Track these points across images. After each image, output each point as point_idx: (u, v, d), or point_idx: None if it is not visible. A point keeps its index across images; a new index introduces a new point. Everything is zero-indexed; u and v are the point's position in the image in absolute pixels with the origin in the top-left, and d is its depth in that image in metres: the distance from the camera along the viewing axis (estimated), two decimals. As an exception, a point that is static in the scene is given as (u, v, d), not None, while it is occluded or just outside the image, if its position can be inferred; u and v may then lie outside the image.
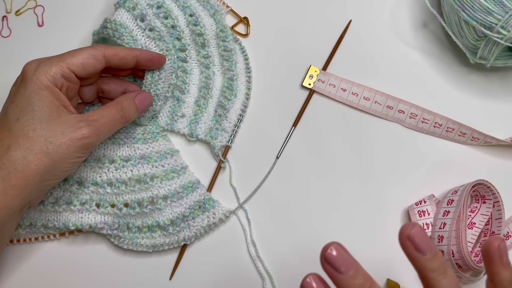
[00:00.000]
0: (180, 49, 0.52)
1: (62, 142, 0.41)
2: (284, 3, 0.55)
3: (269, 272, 0.49)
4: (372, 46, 0.54)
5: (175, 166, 0.50)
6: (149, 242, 0.49)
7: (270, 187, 0.51)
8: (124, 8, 0.48)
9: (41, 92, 0.41)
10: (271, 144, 0.52)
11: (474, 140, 0.51)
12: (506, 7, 0.44)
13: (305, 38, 0.54)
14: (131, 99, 0.46)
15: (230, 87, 0.52)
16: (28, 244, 0.50)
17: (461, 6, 0.46)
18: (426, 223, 0.48)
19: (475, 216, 0.48)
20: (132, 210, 0.48)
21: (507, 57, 0.48)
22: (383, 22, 0.54)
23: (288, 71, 0.54)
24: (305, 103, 0.52)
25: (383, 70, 0.53)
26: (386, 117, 0.52)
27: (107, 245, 0.50)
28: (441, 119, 0.50)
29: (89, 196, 0.49)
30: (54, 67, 0.41)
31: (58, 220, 0.48)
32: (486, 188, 0.48)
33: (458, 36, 0.49)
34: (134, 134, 0.50)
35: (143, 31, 0.48)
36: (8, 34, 0.56)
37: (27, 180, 0.40)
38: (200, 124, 0.52)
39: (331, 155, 0.52)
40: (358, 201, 0.51)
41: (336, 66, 0.53)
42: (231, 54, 0.53)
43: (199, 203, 0.50)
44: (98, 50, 0.43)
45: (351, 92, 0.52)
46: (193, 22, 0.51)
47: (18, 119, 0.40)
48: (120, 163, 0.49)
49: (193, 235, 0.49)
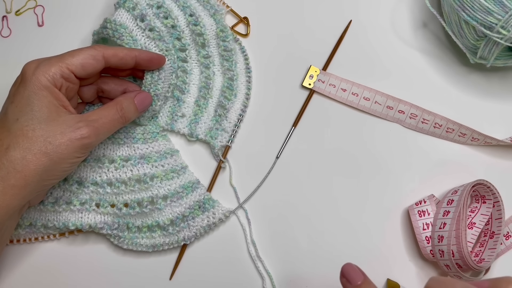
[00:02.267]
0: (180, 49, 0.52)
1: (61, 142, 0.41)
2: (284, 4, 0.55)
3: (269, 272, 0.49)
4: (372, 46, 0.54)
5: (175, 166, 0.50)
6: (149, 242, 0.49)
7: (270, 187, 0.51)
8: (124, 8, 0.48)
9: (40, 92, 0.41)
10: (271, 144, 0.52)
11: (474, 141, 0.50)
12: (506, 7, 0.44)
13: (305, 38, 0.54)
14: (130, 99, 0.46)
15: (230, 87, 0.52)
16: (28, 244, 0.50)
17: (461, 6, 0.46)
18: (426, 223, 0.48)
19: (475, 216, 0.48)
20: (132, 210, 0.48)
21: (507, 57, 0.48)
22: (383, 22, 0.54)
23: (288, 71, 0.53)
24: (305, 103, 0.52)
25: (383, 70, 0.53)
26: (386, 118, 0.52)
27: (107, 245, 0.50)
28: (441, 120, 0.50)
29: (89, 196, 0.49)
30: (54, 67, 0.41)
31: (58, 220, 0.48)
32: (486, 188, 0.48)
33: (458, 36, 0.49)
34: (134, 134, 0.50)
35: (143, 31, 0.48)
36: (8, 34, 0.56)
37: (26, 180, 0.40)
38: (200, 124, 0.52)
39: (331, 155, 0.52)
40: (358, 201, 0.51)
41: (336, 66, 0.53)
42: (231, 54, 0.53)
43: (199, 203, 0.50)
44: (97, 51, 0.43)
45: (351, 92, 0.52)
46: (193, 22, 0.51)
47: (18, 119, 0.41)
48: (120, 163, 0.49)
49: (193, 235, 0.49)
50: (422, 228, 0.48)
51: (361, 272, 0.35)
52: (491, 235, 0.48)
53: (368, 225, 0.50)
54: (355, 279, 0.35)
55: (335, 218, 0.50)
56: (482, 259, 0.47)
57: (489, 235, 0.48)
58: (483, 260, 0.47)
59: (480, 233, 0.48)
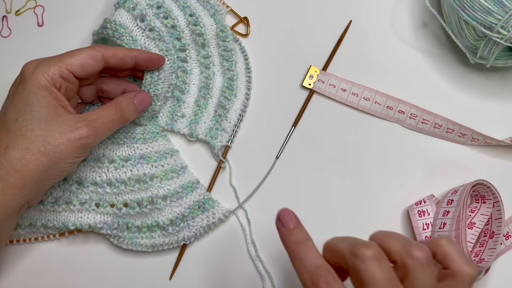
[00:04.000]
0: (180, 49, 0.52)
1: (60, 142, 0.41)
2: (284, 3, 0.55)
3: (269, 272, 0.49)
4: (372, 46, 0.54)
5: (174, 166, 0.50)
6: (149, 242, 0.49)
7: (270, 187, 0.51)
8: (124, 8, 0.48)
9: (39, 92, 0.41)
10: (271, 144, 0.52)
11: (474, 141, 0.50)
12: (506, 7, 0.44)
13: (305, 39, 0.54)
14: (130, 99, 0.46)
15: (230, 87, 0.52)
16: (27, 244, 0.50)
17: (461, 6, 0.46)
18: (426, 223, 0.48)
19: (475, 216, 0.48)
20: (132, 210, 0.48)
21: (507, 57, 0.48)
22: (383, 22, 0.54)
23: (288, 71, 0.53)
24: (305, 103, 0.52)
25: (383, 71, 0.53)
26: (386, 118, 0.52)
27: (106, 245, 0.50)
28: (441, 120, 0.50)
29: (89, 196, 0.49)
30: (53, 67, 0.42)
31: (58, 220, 0.48)
32: (486, 188, 0.47)
33: (458, 36, 0.49)
34: (134, 134, 0.50)
35: (143, 31, 0.48)
36: (8, 34, 0.56)
37: (25, 180, 0.40)
38: (200, 124, 0.52)
39: (331, 155, 0.52)
40: (358, 201, 0.51)
41: (336, 67, 0.53)
42: (231, 54, 0.53)
43: (198, 203, 0.50)
44: (97, 51, 0.43)
45: (351, 93, 0.52)
46: (193, 22, 0.51)
47: (17, 119, 0.41)
48: (120, 163, 0.49)
49: (192, 235, 0.49)
50: (422, 228, 0.48)
51: (295, 217, 0.37)
52: (491, 235, 0.48)
53: (368, 225, 0.50)
54: (288, 223, 0.36)
55: (335, 218, 0.50)
56: (482, 259, 0.47)
57: (489, 235, 0.48)
58: (483, 260, 0.47)
59: (480, 233, 0.48)
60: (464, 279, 0.33)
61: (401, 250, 0.33)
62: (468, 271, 0.33)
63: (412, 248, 0.32)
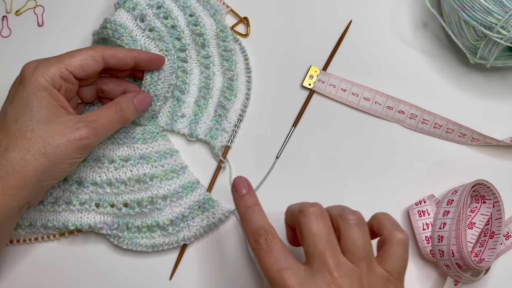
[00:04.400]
0: (180, 49, 0.52)
1: (60, 143, 0.41)
2: (284, 4, 0.55)
3: (269, 272, 0.49)
4: (372, 46, 0.54)
5: (174, 166, 0.50)
6: (149, 242, 0.49)
7: (270, 187, 0.51)
8: (124, 8, 0.48)
9: (39, 93, 0.41)
10: (271, 144, 0.52)
11: (474, 141, 0.50)
12: (506, 7, 0.44)
13: (305, 38, 0.54)
14: (130, 100, 0.46)
15: (230, 87, 0.52)
16: (27, 244, 0.50)
17: (461, 6, 0.46)
18: (426, 223, 0.48)
19: (475, 216, 0.48)
20: (132, 210, 0.48)
21: (507, 57, 0.48)
22: (383, 22, 0.54)
23: (288, 71, 0.53)
24: (305, 103, 0.52)
25: (383, 71, 0.53)
26: (386, 118, 0.52)
27: (106, 245, 0.50)
28: (441, 120, 0.50)
29: (89, 196, 0.49)
30: (53, 68, 0.41)
31: (58, 220, 0.49)
32: (486, 188, 0.48)
33: (458, 36, 0.49)
34: (134, 134, 0.50)
35: (143, 31, 0.48)
36: (8, 34, 0.56)
37: (25, 180, 0.40)
38: (200, 124, 0.52)
39: (331, 156, 0.52)
40: (358, 201, 0.50)
41: (336, 67, 0.53)
42: (231, 54, 0.53)
43: (198, 203, 0.50)
44: (96, 51, 0.43)
45: (351, 93, 0.52)
46: (193, 22, 0.51)
47: (17, 120, 0.41)
48: (120, 163, 0.49)
49: (192, 235, 0.49)
50: (422, 228, 0.48)
51: (248, 184, 0.41)
52: (491, 235, 0.48)
53: (368, 225, 0.50)
54: (241, 189, 0.40)
55: (335, 218, 0.50)
56: (482, 259, 0.47)
57: (489, 235, 0.48)
58: (483, 260, 0.47)
59: (480, 233, 0.48)
60: (395, 243, 0.37)
61: (337, 215, 0.38)
62: (398, 235, 0.38)
63: (345, 212, 0.38)
